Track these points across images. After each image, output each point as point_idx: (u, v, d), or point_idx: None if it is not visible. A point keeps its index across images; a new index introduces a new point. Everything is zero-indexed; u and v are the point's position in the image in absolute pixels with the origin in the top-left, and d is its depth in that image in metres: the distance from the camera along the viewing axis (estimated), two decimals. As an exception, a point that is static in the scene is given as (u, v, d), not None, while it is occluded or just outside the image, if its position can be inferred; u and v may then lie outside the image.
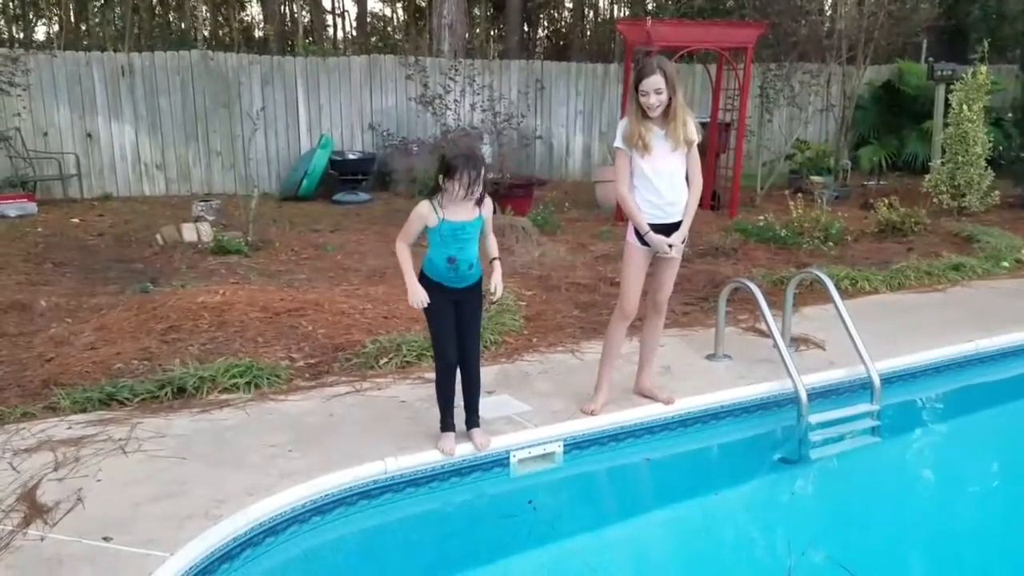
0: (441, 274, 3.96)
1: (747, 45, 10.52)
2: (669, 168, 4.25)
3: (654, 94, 4.11)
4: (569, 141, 14.61)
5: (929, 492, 4.72)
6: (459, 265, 3.95)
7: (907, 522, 4.22)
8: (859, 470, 4.70)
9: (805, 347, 5.72)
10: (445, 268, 3.95)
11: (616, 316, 4.59)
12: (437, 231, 3.91)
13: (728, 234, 9.13)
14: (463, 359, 4.10)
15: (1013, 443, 5.17)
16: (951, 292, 7.19)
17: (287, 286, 7.06)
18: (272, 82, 12.73)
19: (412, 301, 3.99)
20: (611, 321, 4.66)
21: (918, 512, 4.37)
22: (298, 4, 24.57)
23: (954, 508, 4.47)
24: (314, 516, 3.77)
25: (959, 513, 4.40)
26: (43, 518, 3.49)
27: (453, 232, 3.91)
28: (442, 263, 3.94)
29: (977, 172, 10.47)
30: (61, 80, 11.64)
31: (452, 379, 4.12)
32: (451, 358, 4.07)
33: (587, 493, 4.44)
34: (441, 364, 4.11)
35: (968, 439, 5.25)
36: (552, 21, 30.29)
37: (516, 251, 8.32)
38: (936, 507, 4.47)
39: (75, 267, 8.00)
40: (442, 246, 3.93)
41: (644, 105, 4.16)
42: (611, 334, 4.65)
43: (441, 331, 4.05)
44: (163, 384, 4.84)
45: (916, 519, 4.28)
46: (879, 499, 4.45)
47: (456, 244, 3.93)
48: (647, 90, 4.12)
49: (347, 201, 12.01)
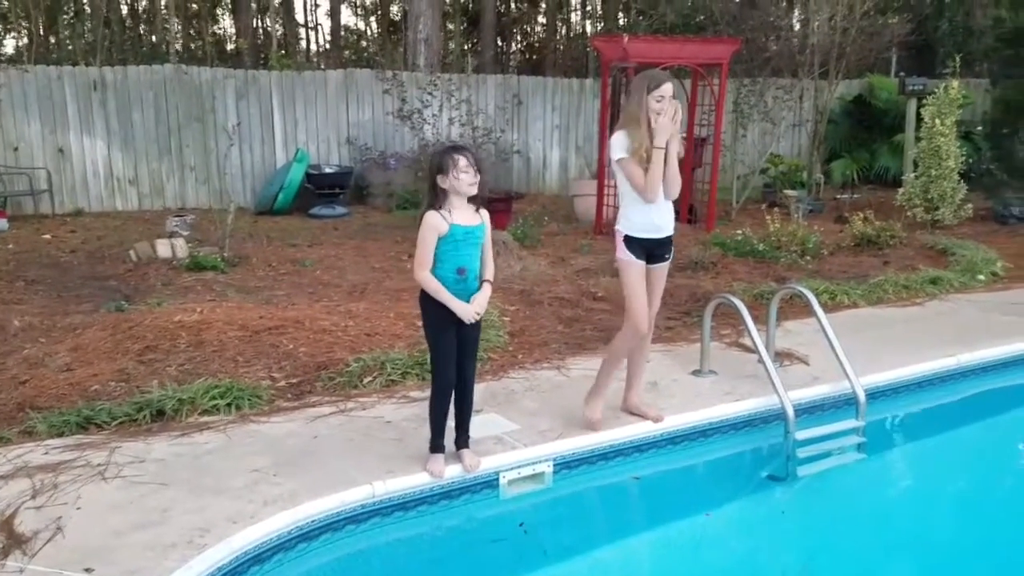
0: (449, 289, 3.85)
1: (721, 61, 10.61)
2: None
3: (668, 99, 4.15)
4: (546, 155, 14.64)
5: (915, 508, 4.71)
6: (468, 276, 3.87)
7: (893, 538, 4.21)
8: (846, 487, 4.69)
9: (789, 362, 5.73)
10: (454, 281, 3.84)
11: (629, 334, 4.44)
12: (449, 238, 3.78)
13: (707, 248, 9.16)
14: (461, 379, 4.03)
15: (995, 456, 5.21)
16: (929, 306, 7.26)
17: (266, 303, 6.97)
18: (247, 96, 12.62)
19: (467, 317, 3.86)
20: (621, 337, 4.52)
21: (904, 528, 4.37)
22: (271, 17, 24.43)
23: (939, 523, 4.48)
24: (300, 543, 3.69)
25: (944, 528, 4.42)
26: (21, 549, 3.38)
27: (465, 236, 3.81)
28: (451, 276, 3.83)
29: (950, 185, 10.62)
30: (32, 95, 11.46)
31: (448, 399, 4.04)
32: (450, 378, 3.99)
33: (577, 513, 4.39)
34: (439, 384, 4.02)
35: (951, 453, 5.27)
36: (525, 36, 30.45)
37: (497, 265, 8.22)
38: (921, 523, 4.48)
39: (48, 284, 7.85)
40: (453, 255, 3.81)
41: (657, 111, 4.14)
42: (618, 350, 4.56)
43: (442, 350, 3.96)
44: (141, 407, 4.74)
45: (902, 535, 4.28)
46: (866, 516, 4.44)
47: (467, 251, 3.84)
48: (663, 95, 4.14)
49: (324, 215, 11.93)
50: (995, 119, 12.08)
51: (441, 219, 3.79)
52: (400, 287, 7.46)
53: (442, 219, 3.79)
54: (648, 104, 4.16)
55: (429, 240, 3.80)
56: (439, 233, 3.79)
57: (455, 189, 3.77)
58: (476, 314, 3.89)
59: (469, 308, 3.85)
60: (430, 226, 3.79)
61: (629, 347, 4.53)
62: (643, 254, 4.36)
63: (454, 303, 3.83)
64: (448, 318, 3.88)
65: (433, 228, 3.79)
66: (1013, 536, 4.24)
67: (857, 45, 12.69)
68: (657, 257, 4.43)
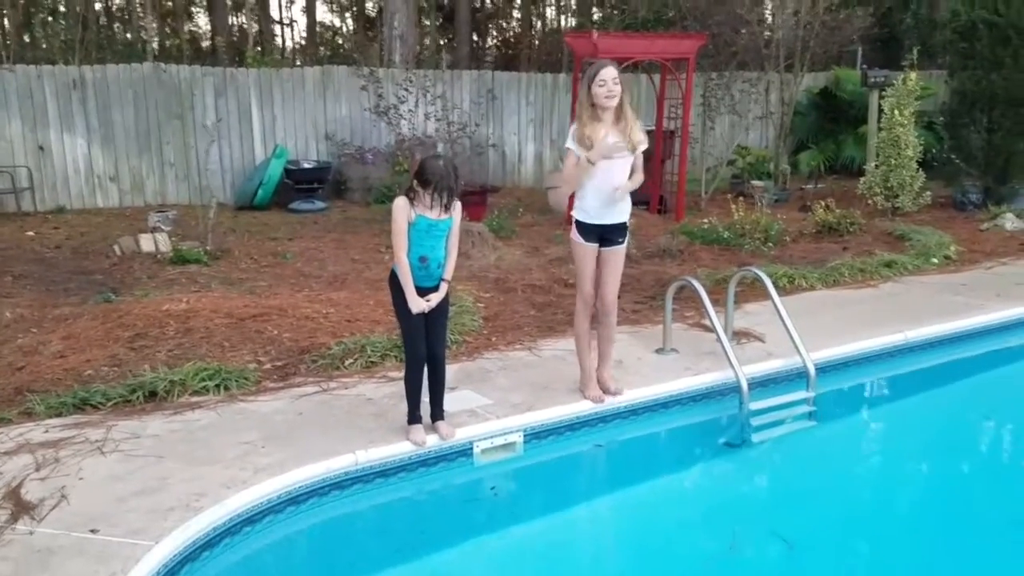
0: (412, 273, 4.21)
1: (688, 55, 10.95)
2: (617, 171, 4.56)
3: (611, 82, 4.41)
4: (521, 149, 14.93)
5: (861, 470, 5.08)
6: (429, 264, 4.22)
7: (841, 497, 4.57)
8: (797, 451, 5.06)
9: (746, 340, 6.08)
10: (416, 267, 4.21)
11: (578, 305, 4.87)
12: (414, 227, 4.15)
13: (674, 236, 9.50)
14: (431, 355, 4.36)
15: (938, 425, 5.58)
16: (883, 287, 7.64)
17: (249, 293, 7.23)
18: (225, 93, 12.81)
19: (415, 309, 4.22)
20: (576, 314, 4.91)
21: (851, 488, 4.73)
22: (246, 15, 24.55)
23: (883, 485, 4.85)
24: (289, 506, 3.99)
25: (887, 489, 4.79)
26: (30, 514, 3.66)
27: (428, 228, 4.17)
28: (414, 262, 4.20)
29: (909, 174, 11.02)
30: (12, 93, 11.59)
31: (421, 373, 4.38)
32: (420, 353, 4.33)
33: (547, 479, 4.72)
34: (411, 359, 4.37)
35: (897, 422, 5.66)
36: (501, 31, 30.70)
37: (473, 255, 8.59)
38: (867, 484, 4.85)
39: (35, 279, 8.05)
40: (416, 244, 4.17)
41: (602, 95, 4.42)
42: (577, 324, 4.93)
43: (411, 327, 4.31)
44: (135, 388, 5.01)
45: (849, 495, 4.63)
46: (815, 477, 4.82)
47: (429, 241, 4.19)
48: (605, 79, 4.41)
49: (303, 209, 12.16)
50: (953, 109, 12.48)
51: (408, 205, 4.14)
52: (379, 277, 7.73)
53: (409, 205, 4.14)
54: (593, 91, 4.46)
55: (400, 221, 4.16)
56: (408, 218, 4.14)
57: (419, 197, 4.14)
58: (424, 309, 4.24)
59: (421, 303, 4.22)
60: (399, 207, 4.16)
61: (583, 318, 4.87)
62: (595, 238, 4.68)
63: (410, 292, 4.21)
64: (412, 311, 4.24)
65: (401, 209, 4.15)
66: (944, 496, 4.63)
67: (820, 39, 13.07)
68: (610, 241, 4.74)
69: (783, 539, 3.98)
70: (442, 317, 4.41)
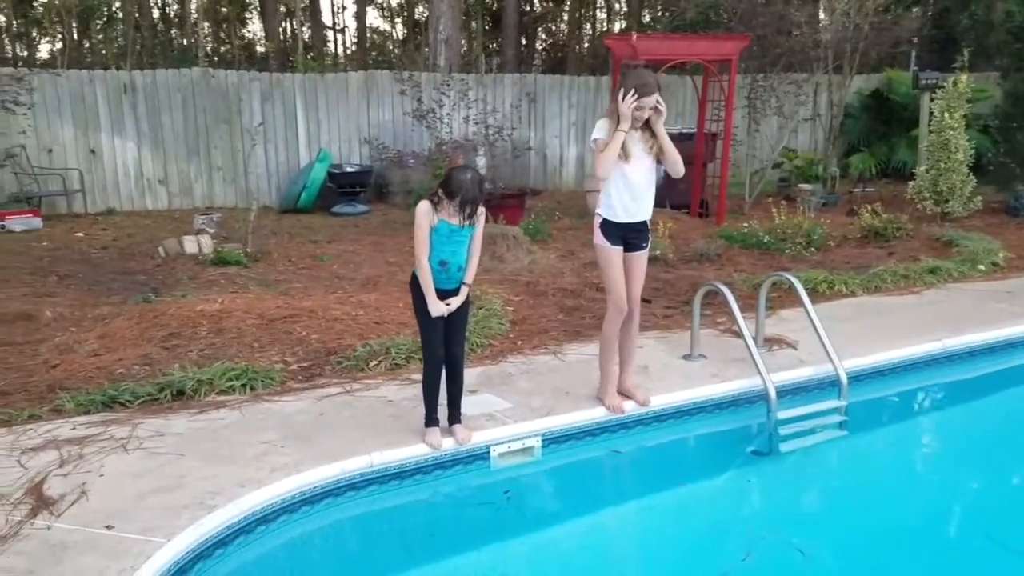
0: (433, 276, 4.21)
1: (731, 57, 10.79)
2: (644, 173, 4.58)
3: (648, 109, 4.46)
4: (563, 152, 14.89)
5: (892, 484, 4.92)
6: (450, 267, 4.22)
7: (870, 512, 4.42)
8: (826, 462, 4.93)
9: (778, 347, 5.96)
10: (437, 270, 4.21)
11: (610, 311, 4.76)
12: (436, 232, 4.15)
13: (713, 240, 9.37)
14: (449, 357, 4.36)
15: (976, 437, 5.39)
16: (925, 295, 7.43)
17: (283, 294, 7.31)
18: (272, 98, 13.02)
19: (434, 312, 4.22)
20: (607, 319, 4.81)
21: (881, 502, 4.57)
22: (298, 20, 24.92)
23: (914, 499, 4.69)
24: (303, 506, 4.01)
25: (918, 504, 4.62)
26: (49, 509, 3.73)
27: (450, 233, 4.16)
28: (435, 265, 4.19)
29: (959, 178, 10.71)
30: (65, 98, 11.94)
31: (438, 375, 4.38)
32: (438, 355, 4.32)
33: (565, 485, 4.66)
34: (428, 361, 4.36)
35: (932, 434, 5.49)
36: (550, 34, 30.71)
37: (506, 259, 8.57)
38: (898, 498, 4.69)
39: (80, 279, 8.26)
40: (437, 248, 4.17)
41: (636, 114, 4.44)
42: (607, 329, 4.82)
43: (430, 329, 4.30)
44: (163, 387, 5.10)
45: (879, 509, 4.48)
46: (844, 489, 4.69)
47: (450, 247, 4.19)
48: (644, 107, 4.44)
49: (345, 212, 12.29)
50: (1006, 112, 12.11)
51: (432, 210, 4.14)
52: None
53: (432, 210, 4.13)
54: (628, 103, 4.42)
55: (424, 226, 4.16)
56: (430, 223, 4.13)
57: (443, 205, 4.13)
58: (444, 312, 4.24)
59: (441, 307, 4.22)
60: (422, 212, 4.15)
61: (615, 325, 4.77)
62: (619, 240, 4.63)
63: (430, 296, 4.21)
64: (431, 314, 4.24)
65: (424, 213, 4.15)
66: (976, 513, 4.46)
67: (869, 41, 12.79)
68: (634, 245, 4.69)
69: (802, 552, 3.87)
70: (462, 321, 4.41)
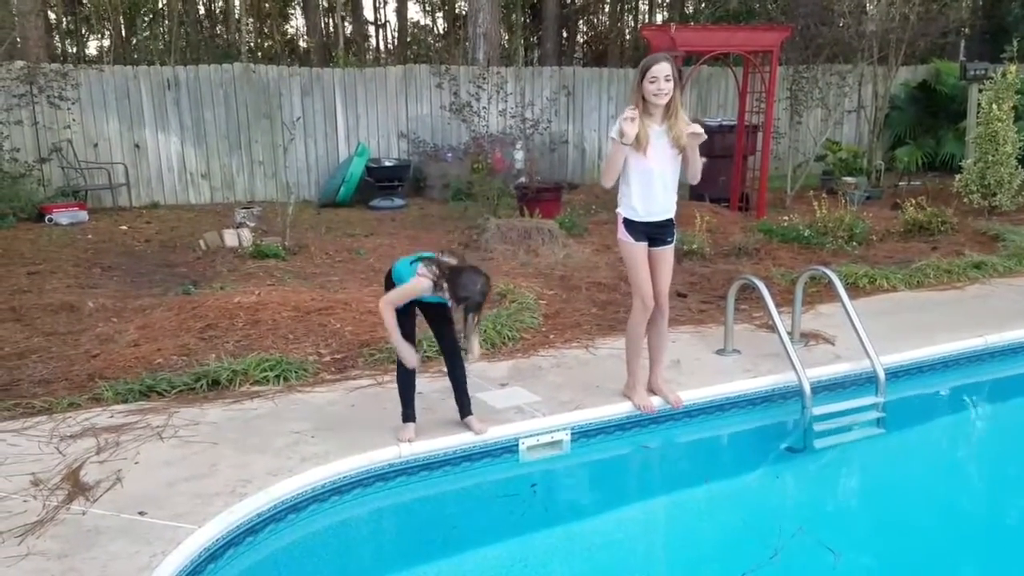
0: None
1: (772, 48, 10.63)
2: (664, 168, 4.44)
3: (663, 79, 4.25)
4: (601, 145, 14.80)
5: (930, 482, 4.82)
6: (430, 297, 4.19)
7: (906, 510, 4.34)
8: (862, 459, 4.84)
9: (815, 342, 5.86)
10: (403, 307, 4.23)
11: (635, 307, 4.68)
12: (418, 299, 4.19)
13: (752, 234, 9.25)
14: (447, 357, 4.42)
15: (1018, 437, 5.25)
16: (969, 290, 7.26)
17: (319, 287, 7.38)
18: (311, 93, 13.15)
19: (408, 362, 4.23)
20: (632, 316, 4.74)
21: (918, 501, 4.49)
22: (340, 16, 25.09)
23: (951, 498, 4.59)
24: (332, 496, 4.05)
25: (955, 504, 4.52)
26: (85, 495, 3.81)
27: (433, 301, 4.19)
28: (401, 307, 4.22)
29: (1007, 171, 10.44)
30: (110, 93, 12.18)
31: (407, 375, 4.35)
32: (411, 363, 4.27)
33: (594, 479, 4.65)
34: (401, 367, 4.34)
35: (971, 432, 5.36)
36: (591, 27, 30.52)
37: (541, 253, 8.56)
38: (935, 497, 4.59)
39: (122, 271, 8.43)
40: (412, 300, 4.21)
41: (653, 91, 4.26)
42: (633, 328, 4.74)
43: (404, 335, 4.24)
44: (199, 377, 5.18)
45: (915, 507, 4.40)
46: (878, 488, 4.61)
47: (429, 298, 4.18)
48: (657, 75, 4.24)
49: (383, 207, 12.36)
50: (1058, 103, 11.78)
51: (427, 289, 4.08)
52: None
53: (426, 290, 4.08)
54: (644, 87, 4.33)
55: (409, 296, 4.16)
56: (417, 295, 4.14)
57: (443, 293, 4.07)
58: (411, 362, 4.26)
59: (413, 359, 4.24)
60: (419, 289, 4.10)
61: (641, 321, 4.70)
62: (643, 236, 4.55)
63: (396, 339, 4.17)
64: (404, 308, 4.23)
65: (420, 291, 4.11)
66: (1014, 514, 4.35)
67: (916, 31, 12.52)
68: (659, 240, 4.60)
69: (832, 551, 3.80)
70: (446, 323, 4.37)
